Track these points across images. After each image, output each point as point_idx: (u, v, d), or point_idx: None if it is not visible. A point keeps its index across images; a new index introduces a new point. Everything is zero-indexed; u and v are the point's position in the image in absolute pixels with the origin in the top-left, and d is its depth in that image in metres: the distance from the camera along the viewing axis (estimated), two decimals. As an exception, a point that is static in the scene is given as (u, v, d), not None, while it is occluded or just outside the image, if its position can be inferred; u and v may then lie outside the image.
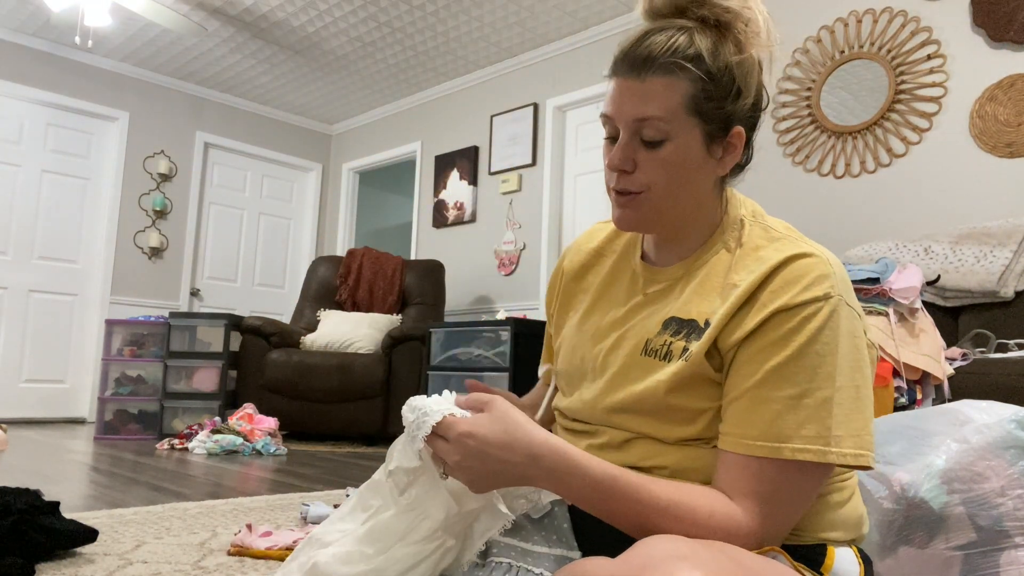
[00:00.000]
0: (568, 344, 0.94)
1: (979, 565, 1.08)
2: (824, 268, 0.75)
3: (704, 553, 0.62)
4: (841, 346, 0.73)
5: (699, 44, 0.78)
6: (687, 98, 0.78)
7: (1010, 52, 3.01)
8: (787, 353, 0.73)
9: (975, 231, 2.77)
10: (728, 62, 0.79)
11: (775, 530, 0.73)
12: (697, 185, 0.82)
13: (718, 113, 0.80)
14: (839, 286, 0.75)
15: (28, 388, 5.12)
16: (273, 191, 6.42)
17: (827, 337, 0.73)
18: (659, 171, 0.79)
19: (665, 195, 0.81)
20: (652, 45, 0.78)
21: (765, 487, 0.72)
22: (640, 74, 0.78)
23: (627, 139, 0.80)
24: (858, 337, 0.75)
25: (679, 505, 0.71)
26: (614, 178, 0.82)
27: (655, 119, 0.78)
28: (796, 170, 3.60)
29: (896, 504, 1.14)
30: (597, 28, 4.63)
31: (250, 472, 3.11)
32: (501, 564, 0.75)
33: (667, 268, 0.87)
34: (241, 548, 1.67)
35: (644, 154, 0.80)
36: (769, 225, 0.84)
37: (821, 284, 0.74)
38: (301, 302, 5.21)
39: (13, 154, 5.11)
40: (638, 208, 0.82)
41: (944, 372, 2.10)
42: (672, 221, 0.84)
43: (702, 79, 0.78)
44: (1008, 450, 1.10)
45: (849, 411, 0.72)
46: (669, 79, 0.77)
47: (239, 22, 4.76)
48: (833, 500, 0.80)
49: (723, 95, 0.79)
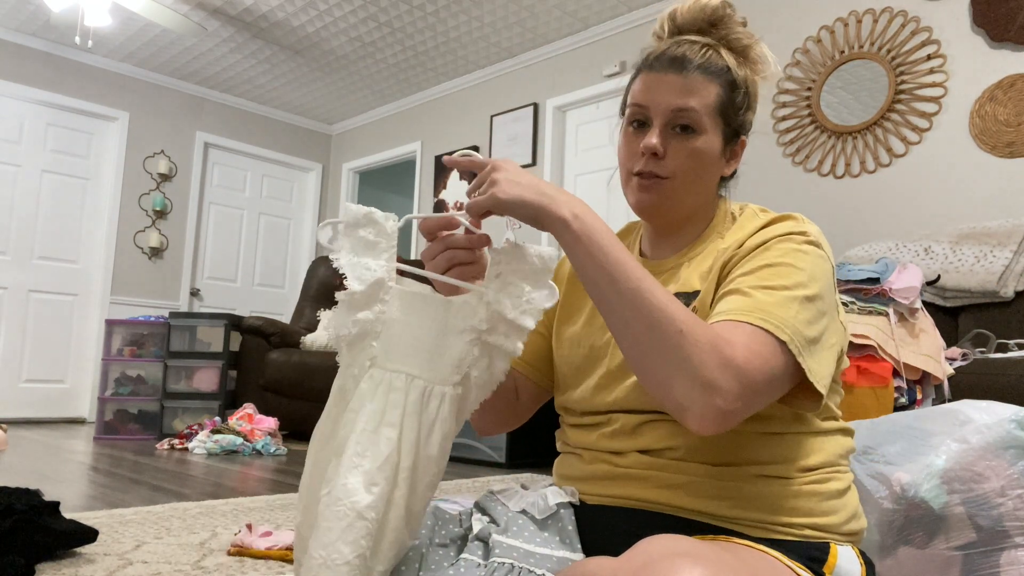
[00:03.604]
0: (572, 340, 0.95)
1: (979, 565, 1.08)
2: (805, 225, 0.84)
3: (705, 550, 0.63)
4: (812, 267, 0.79)
5: (727, 59, 0.90)
6: (718, 99, 0.87)
7: (1010, 52, 3.01)
8: (763, 261, 0.80)
9: (975, 231, 2.77)
10: (747, 78, 0.91)
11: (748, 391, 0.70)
12: (710, 180, 0.91)
13: (735, 120, 0.90)
14: (817, 237, 0.83)
15: (28, 388, 5.12)
16: (273, 191, 6.42)
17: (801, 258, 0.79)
18: (687, 160, 0.87)
19: (686, 183, 0.88)
20: (689, 51, 0.88)
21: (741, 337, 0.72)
22: (681, 71, 0.87)
23: (661, 126, 0.87)
24: (830, 277, 0.81)
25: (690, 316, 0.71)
26: (641, 161, 0.88)
27: (693, 111, 0.86)
28: (796, 170, 3.60)
29: (896, 504, 1.14)
30: (597, 28, 4.62)
31: (250, 472, 3.11)
32: (503, 564, 0.75)
33: (665, 260, 0.93)
34: (241, 548, 1.67)
35: (676, 142, 0.87)
36: (758, 210, 0.92)
37: (799, 226, 0.83)
38: (301, 302, 5.21)
39: (13, 154, 5.11)
40: (661, 192, 0.88)
41: (944, 372, 2.10)
42: (684, 211, 0.91)
43: (730, 87, 0.89)
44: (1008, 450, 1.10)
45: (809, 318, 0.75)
46: (706, 79, 0.87)
47: (239, 22, 4.76)
48: (832, 488, 0.82)
49: (741, 106, 0.90)
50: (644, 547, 0.63)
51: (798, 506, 0.79)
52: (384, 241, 0.82)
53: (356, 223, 0.82)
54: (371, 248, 0.82)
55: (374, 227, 0.82)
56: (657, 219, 0.92)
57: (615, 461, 0.85)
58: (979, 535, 1.08)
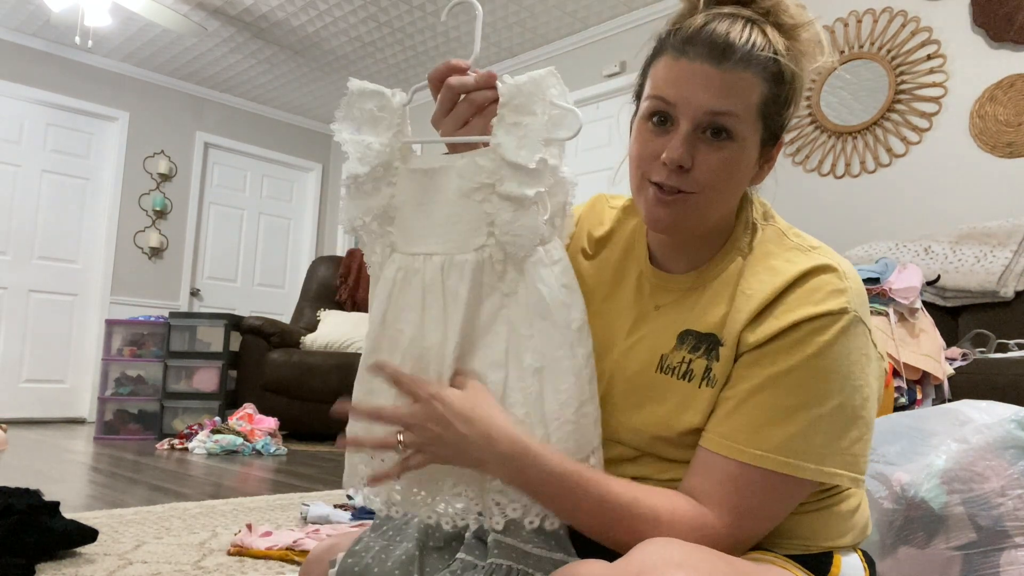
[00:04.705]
0: None
1: (979, 565, 1.08)
2: (841, 283, 0.71)
3: (700, 558, 0.62)
4: (846, 364, 0.70)
5: (776, 43, 0.71)
6: (761, 99, 0.71)
7: (1010, 52, 3.00)
8: (791, 363, 0.69)
9: (975, 231, 2.77)
10: (795, 69, 0.73)
11: (743, 539, 0.70)
12: (739, 191, 0.77)
13: (776, 120, 0.74)
14: (855, 300, 0.71)
15: (28, 388, 5.12)
16: (273, 191, 6.42)
17: (835, 353, 0.69)
18: (718, 172, 0.72)
19: (714, 199, 0.73)
20: (731, 33, 0.70)
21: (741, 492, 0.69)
22: (720, 62, 0.69)
23: (690, 130, 0.71)
24: (866, 355, 0.71)
25: (639, 503, 0.69)
26: (663, 173, 0.72)
27: (731, 115, 0.70)
28: (796, 170, 3.60)
29: (896, 504, 1.14)
30: (597, 28, 4.62)
31: (250, 472, 3.11)
32: (501, 567, 0.75)
33: (679, 276, 0.81)
34: (241, 548, 1.67)
35: (706, 149, 0.71)
36: (781, 230, 0.79)
37: (837, 299, 0.70)
38: (301, 302, 5.21)
39: (13, 154, 5.11)
40: (683, 209, 0.73)
41: (944, 372, 2.10)
42: (706, 226, 0.77)
43: (775, 81, 0.72)
44: (1008, 450, 1.10)
45: (842, 429, 0.69)
46: (749, 75, 0.70)
47: (239, 22, 4.76)
48: (844, 509, 0.78)
49: (785, 102, 0.74)
50: (638, 554, 0.62)
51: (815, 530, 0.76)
52: (389, 117, 0.77)
53: (361, 95, 0.77)
54: (375, 123, 0.77)
55: (379, 99, 0.77)
56: (675, 235, 0.79)
57: None
58: (979, 535, 1.08)
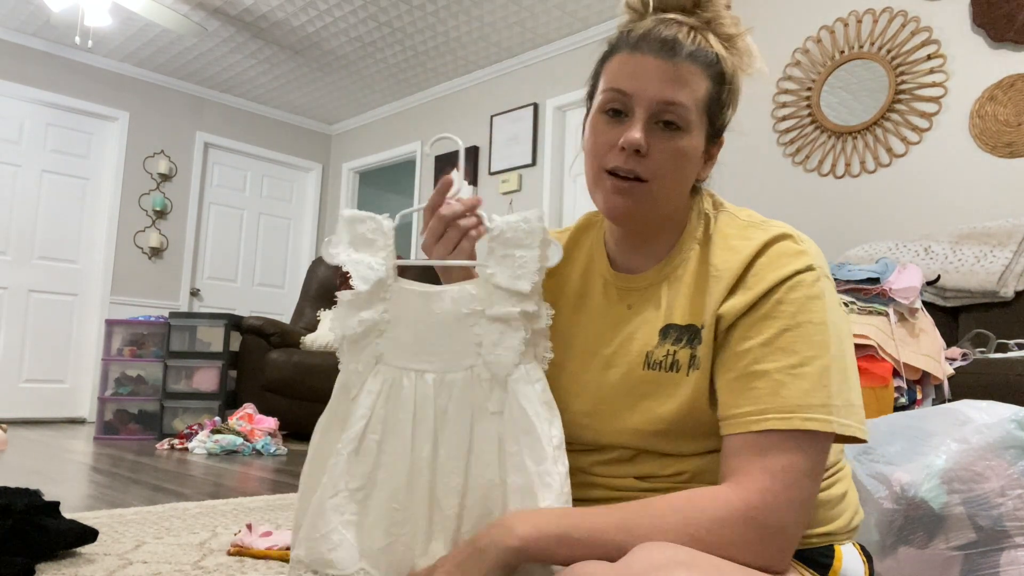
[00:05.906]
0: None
1: (979, 565, 1.08)
2: (799, 245, 0.76)
3: (702, 558, 0.62)
4: (830, 315, 0.73)
5: (716, 48, 0.78)
6: (706, 94, 0.77)
7: (1010, 52, 3.01)
8: (780, 324, 0.72)
9: (975, 231, 2.77)
10: (734, 72, 0.80)
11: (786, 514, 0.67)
12: (688, 185, 0.81)
13: (718, 118, 0.80)
14: (817, 259, 0.75)
15: (28, 388, 5.12)
16: (273, 191, 6.42)
17: (816, 306, 0.72)
18: (671, 160, 0.77)
19: (667, 187, 0.78)
20: (679, 35, 0.76)
21: (773, 463, 0.68)
22: (672, 57, 0.75)
23: (645, 120, 0.76)
24: (840, 307, 0.76)
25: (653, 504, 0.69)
26: (620, 157, 0.77)
27: (682, 106, 0.75)
28: (796, 170, 3.60)
29: (896, 504, 1.14)
30: (597, 28, 4.62)
31: (250, 472, 3.11)
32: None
33: (641, 274, 0.84)
34: (241, 548, 1.67)
35: (658, 140, 0.76)
36: (733, 213, 0.83)
37: (801, 258, 0.74)
38: (301, 302, 5.20)
39: (13, 154, 5.11)
40: (639, 196, 0.78)
41: (944, 372, 2.10)
42: (659, 218, 0.81)
43: (718, 80, 0.78)
44: (1008, 450, 1.10)
45: (842, 382, 0.71)
46: (697, 69, 0.76)
47: (239, 22, 4.76)
48: (834, 494, 0.80)
49: (726, 103, 0.80)
50: (642, 554, 0.62)
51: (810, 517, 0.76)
52: (381, 239, 0.83)
53: (353, 220, 0.84)
54: (369, 245, 0.83)
55: (371, 223, 0.84)
56: (631, 225, 0.83)
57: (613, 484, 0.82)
58: (979, 535, 1.08)
